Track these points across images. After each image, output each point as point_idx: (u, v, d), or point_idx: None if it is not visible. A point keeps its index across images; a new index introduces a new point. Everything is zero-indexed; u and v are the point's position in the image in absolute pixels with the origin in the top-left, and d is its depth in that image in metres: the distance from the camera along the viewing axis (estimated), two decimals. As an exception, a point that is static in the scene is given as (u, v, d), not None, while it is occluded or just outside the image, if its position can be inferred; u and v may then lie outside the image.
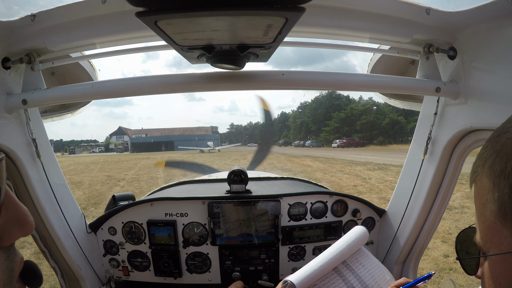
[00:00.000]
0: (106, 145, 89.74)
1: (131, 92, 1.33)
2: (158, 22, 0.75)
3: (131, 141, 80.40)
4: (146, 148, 69.14)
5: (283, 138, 74.62)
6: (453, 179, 1.60)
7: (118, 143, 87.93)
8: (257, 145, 4.75)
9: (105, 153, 77.03)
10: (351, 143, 48.72)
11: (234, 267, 1.94)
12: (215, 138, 76.58)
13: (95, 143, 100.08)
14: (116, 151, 78.01)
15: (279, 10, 0.71)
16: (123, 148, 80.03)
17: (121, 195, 2.12)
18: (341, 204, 1.99)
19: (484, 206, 0.57)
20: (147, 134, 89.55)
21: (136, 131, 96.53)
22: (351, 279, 1.34)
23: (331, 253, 1.35)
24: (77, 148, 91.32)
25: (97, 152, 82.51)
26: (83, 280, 1.80)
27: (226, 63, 1.10)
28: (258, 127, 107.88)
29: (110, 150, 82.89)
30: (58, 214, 1.63)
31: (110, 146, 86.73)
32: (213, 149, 47.70)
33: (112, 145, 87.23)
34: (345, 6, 1.23)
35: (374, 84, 1.44)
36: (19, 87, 1.37)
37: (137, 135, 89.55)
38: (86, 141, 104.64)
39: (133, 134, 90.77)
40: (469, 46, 1.31)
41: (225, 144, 77.25)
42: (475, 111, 1.33)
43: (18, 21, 1.20)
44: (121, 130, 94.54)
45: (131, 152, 69.39)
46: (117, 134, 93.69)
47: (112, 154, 64.86)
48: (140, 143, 78.09)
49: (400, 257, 1.87)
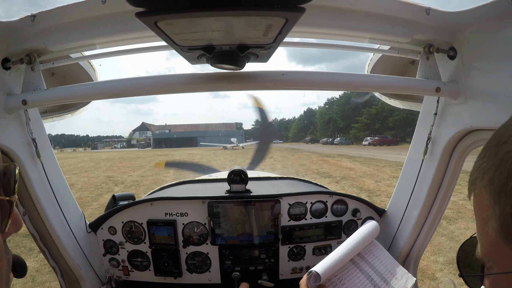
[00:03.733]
0: (128, 140, 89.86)
1: (131, 92, 1.33)
2: (158, 23, 0.75)
3: (153, 137, 79.81)
4: (168, 144, 68.30)
5: (309, 135, 72.88)
6: (453, 179, 1.60)
7: (141, 138, 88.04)
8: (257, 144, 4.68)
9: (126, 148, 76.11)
10: (384, 141, 45.55)
11: (234, 266, 1.94)
12: (239, 135, 75.21)
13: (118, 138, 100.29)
14: (138, 147, 77.45)
15: (279, 10, 0.70)
16: (145, 144, 79.55)
17: (121, 195, 2.13)
18: (341, 204, 1.99)
19: (485, 222, 0.56)
20: (170, 130, 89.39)
21: (159, 126, 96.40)
22: (367, 269, 1.46)
23: (348, 244, 1.47)
24: (99, 143, 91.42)
25: (118, 148, 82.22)
26: (83, 280, 1.80)
27: (226, 63, 1.10)
28: (284, 123, 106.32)
29: (132, 146, 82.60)
30: (58, 214, 1.63)
31: (132, 142, 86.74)
32: (237, 145, 46.48)
33: (134, 141, 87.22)
34: (345, 6, 1.23)
35: (374, 84, 1.44)
36: (19, 88, 1.37)
37: (160, 131, 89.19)
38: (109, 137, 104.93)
39: (156, 130, 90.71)
40: (469, 46, 1.30)
41: (249, 140, 74.92)
42: (475, 111, 1.33)
43: (18, 21, 1.20)
44: (144, 126, 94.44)
45: (153, 148, 68.54)
46: (140, 130, 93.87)
47: (132, 150, 63.00)
48: (162, 138, 77.25)
49: (400, 257, 1.87)
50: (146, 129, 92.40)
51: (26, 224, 1.61)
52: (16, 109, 1.37)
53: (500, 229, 0.53)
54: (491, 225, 0.55)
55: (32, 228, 1.62)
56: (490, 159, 0.56)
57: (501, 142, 0.55)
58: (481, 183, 0.56)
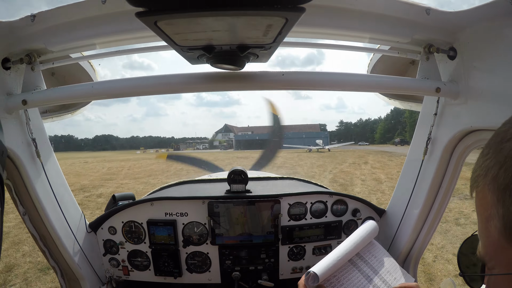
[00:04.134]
0: (210, 142, 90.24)
1: (131, 92, 1.33)
2: (158, 23, 0.75)
3: (235, 139, 79.40)
4: (250, 146, 67.00)
5: (398, 136, 67.66)
6: (453, 179, 1.60)
7: (223, 140, 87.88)
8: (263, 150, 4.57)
9: (208, 150, 75.07)
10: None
11: (234, 266, 1.94)
12: (325, 136, 72.51)
13: (201, 140, 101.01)
14: (220, 148, 77.01)
15: (279, 10, 0.70)
16: (227, 146, 79.16)
17: (121, 195, 2.13)
18: (341, 204, 1.99)
19: (487, 221, 0.55)
20: (253, 131, 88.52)
21: (242, 128, 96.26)
22: (366, 270, 1.46)
23: (346, 245, 1.46)
24: (182, 144, 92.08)
25: (200, 149, 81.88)
26: (83, 280, 1.80)
27: (226, 63, 1.10)
28: (369, 124, 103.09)
29: (214, 147, 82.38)
30: (58, 214, 1.63)
31: (215, 143, 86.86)
32: (323, 148, 44.73)
33: (217, 142, 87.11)
34: (345, 6, 1.22)
35: (374, 84, 1.44)
36: (19, 88, 1.37)
37: (242, 133, 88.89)
38: (193, 139, 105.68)
39: (239, 132, 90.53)
40: (469, 46, 1.30)
41: (334, 142, 71.76)
42: (475, 111, 1.33)
43: (18, 21, 1.20)
44: (227, 127, 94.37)
45: (235, 150, 67.39)
46: (223, 131, 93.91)
47: (214, 152, 61.20)
48: (244, 140, 76.33)
49: (400, 257, 1.87)
50: (229, 131, 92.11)
51: (26, 224, 1.61)
52: (16, 109, 1.37)
53: (503, 229, 0.51)
54: (493, 224, 0.53)
55: (32, 228, 1.62)
56: (493, 157, 0.54)
57: (506, 139, 0.53)
58: (484, 180, 0.55)
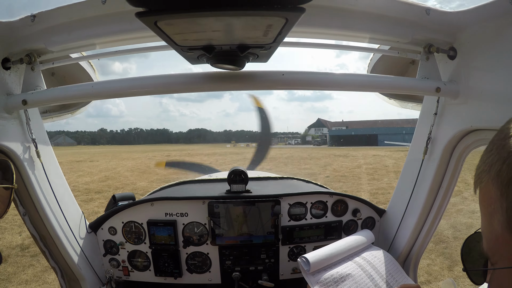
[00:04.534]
0: (303, 137, 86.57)
1: (131, 92, 1.33)
2: (158, 23, 0.75)
3: (329, 134, 75.63)
4: (345, 142, 62.87)
5: None
6: (453, 179, 1.60)
7: (316, 135, 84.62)
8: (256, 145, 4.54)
9: (300, 145, 70.04)
10: None
11: (234, 267, 1.94)
12: None
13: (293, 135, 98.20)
14: (312, 144, 72.79)
15: (279, 10, 0.70)
16: (321, 141, 74.94)
17: (121, 195, 2.13)
18: (341, 204, 1.99)
19: (491, 216, 0.55)
20: (347, 126, 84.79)
21: (336, 123, 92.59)
22: (369, 269, 1.55)
23: (339, 241, 1.67)
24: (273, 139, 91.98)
25: (292, 144, 77.99)
26: (83, 280, 1.80)
27: (226, 63, 1.10)
28: None
29: (307, 143, 77.88)
30: (58, 214, 1.63)
31: (307, 138, 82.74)
32: None
33: (309, 137, 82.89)
34: (345, 6, 1.22)
35: (374, 84, 1.44)
36: (19, 88, 1.37)
37: (337, 128, 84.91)
38: (284, 134, 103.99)
39: (332, 127, 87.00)
40: (469, 46, 1.30)
41: None
42: (475, 111, 1.33)
43: (18, 21, 1.20)
44: (320, 122, 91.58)
45: (329, 146, 62.83)
46: (315, 126, 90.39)
47: (306, 148, 55.64)
48: (339, 135, 71.60)
49: (400, 257, 1.87)
50: (322, 126, 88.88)
51: (26, 224, 1.61)
52: (16, 109, 1.37)
53: (507, 222, 0.52)
54: (497, 218, 0.54)
55: (32, 229, 1.62)
56: (497, 152, 0.55)
57: (509, 135, 0.54)
58: (488, 176, 0.55)
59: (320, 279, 1.45)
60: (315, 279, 1.46)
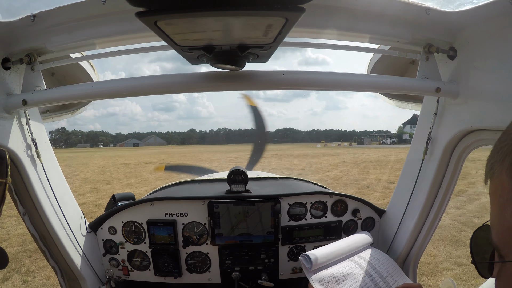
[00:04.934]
0: (398, 135, 78.48)
1: (131, 92, 1.33)
2: (158, 23, 0.75)
3: None
4: None
5: None
6: (453, 179, 1.60)
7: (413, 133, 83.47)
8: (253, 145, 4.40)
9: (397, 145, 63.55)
10: None
11: (234, 266, 1.94)
12: None
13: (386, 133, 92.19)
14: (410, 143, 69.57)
15: (279, 10, 0.70)
16: None
17: (121, 195, 2.13)
18: (340, 204, 1.99)
19: (503, 207, 0.54)
20: None
21: None
22: (369, 269, 1.58)
23: (339, 241, 1.71)
24: (365, 138, 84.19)
25: (387, 143, 71.69)
26: (83, 280, 1.80)
27: (226, 63, 1.10)
28: None
29: (404, 142, 69.94)
30: (58, 214, 1.63)
31: (404, 137, 74.56)
32: None
33: (406, 136, 74.64)
34: (345, 6, 1.22)
35: (374, 84, 1.44)
36: (19, 88, 1.37)
37: None
38: (376, 132, 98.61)
39: None
40: (469, 46, 1.30)
41: None
42: (475, 111, 1.33)
43: (18, 21, 1.20)
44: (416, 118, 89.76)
45: None
46: (411, 123, 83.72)
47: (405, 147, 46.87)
48: None
49: (400, 257, 1.87)
50: None
51: (26, 224, 1.61)
52: (16, 109, 1.37)
53: None
54: (510, 209, 0.52)
55: (32, 228, 1.62)
56: (511, 142, 0.53)
57: None
58: (501, 166, 0.54)
59: (321, 277, 1.46)
60: (317, 277, 1.47)
